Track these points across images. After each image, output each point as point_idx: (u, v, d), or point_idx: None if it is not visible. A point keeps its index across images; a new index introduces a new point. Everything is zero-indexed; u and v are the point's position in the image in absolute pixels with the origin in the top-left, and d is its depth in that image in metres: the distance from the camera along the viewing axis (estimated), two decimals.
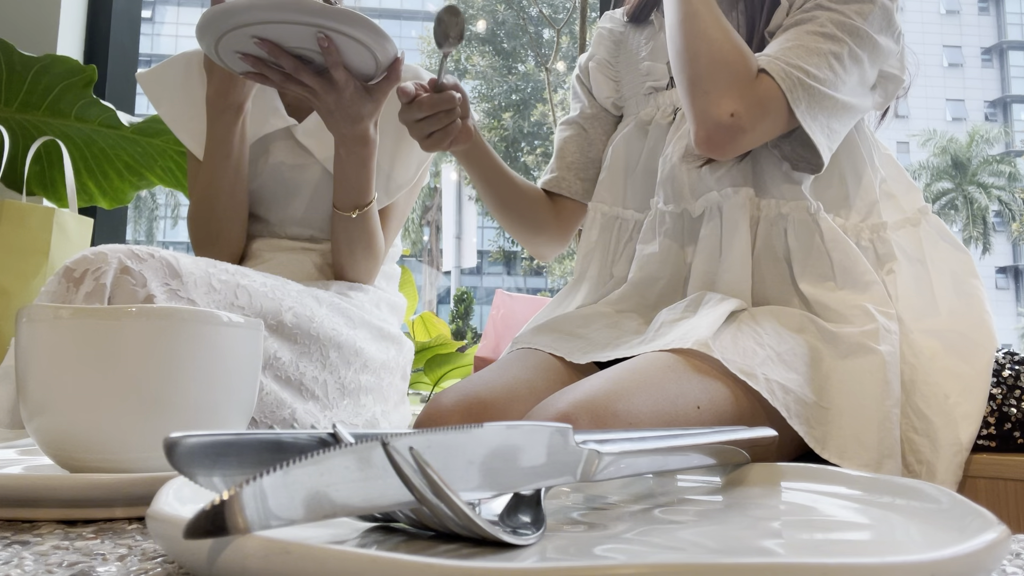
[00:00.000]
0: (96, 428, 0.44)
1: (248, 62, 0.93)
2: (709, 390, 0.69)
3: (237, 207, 1.12)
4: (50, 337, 0.45)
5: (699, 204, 0.88)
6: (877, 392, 0.74)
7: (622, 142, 0.99)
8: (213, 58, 0.94)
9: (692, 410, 0.67)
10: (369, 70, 0.97)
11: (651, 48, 1.00)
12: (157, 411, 0.44)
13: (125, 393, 0.44)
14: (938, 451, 0.79)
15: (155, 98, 1.18)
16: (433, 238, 19.55)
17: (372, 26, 0.89)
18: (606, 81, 1.06)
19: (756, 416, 0.72)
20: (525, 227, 1.07)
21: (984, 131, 23.67)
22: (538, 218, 1.07)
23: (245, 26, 0.87)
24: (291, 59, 0.92)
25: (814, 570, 0.22)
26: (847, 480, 0.41)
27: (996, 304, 25.61)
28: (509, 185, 1.05)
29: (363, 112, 0.98)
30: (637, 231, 0.95)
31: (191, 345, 0.45)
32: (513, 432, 0.31)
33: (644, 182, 0.95)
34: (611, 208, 0.99)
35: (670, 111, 0.94)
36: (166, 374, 0.45)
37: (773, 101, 0.78)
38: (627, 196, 0.98)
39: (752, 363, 0.71)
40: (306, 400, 0.99)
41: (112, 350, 0.44)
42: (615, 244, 0.99)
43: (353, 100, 0.97)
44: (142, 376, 0.44)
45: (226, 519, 0.22)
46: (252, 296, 0.94)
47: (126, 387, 0.44)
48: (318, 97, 0.96)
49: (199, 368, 0.46)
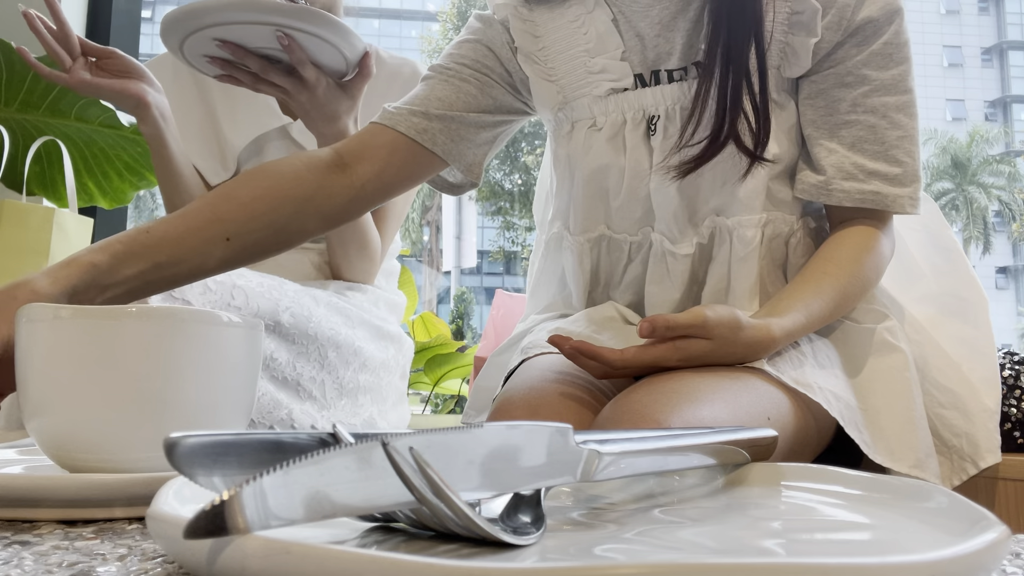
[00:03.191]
0: (96, 428, 0.44)
1: (216, 65, 0.92)
2: (775, 400, 0.67)
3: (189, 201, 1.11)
4: (50, 337, 0.45)
5: (706, 227, 0.80)
6: (908, 391, 0.73)
7: (589, 161, 0.82)
8: (182, 61, 0.94)
9: (763, 421, 0.65)
10: (341, 67, 0.95)
11: (593, 37, 0.82)
12: (157, 411, 0.44)
13: (125, 393, 0.44)
14: (972, 420, 0.80)
15: None
16: (433, 238, 19.56)
17: (333, 23, 0.87)
18: (545, 85, 0.85)
19: (808, 425, 0.70)
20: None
21: (984, 131, 23.67)
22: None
23: (205, 28, 0.86)
24: (257, 60, 0.90)
25: (814, 570, 0.22)
26: (847, 480, 0.41)
27: (996, 304, 25.61)
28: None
29: (340, 110, 0.97)
30: (636, 253, 0.84)
31: (191, 345, 0.45)
32: (513, 432, 0.31)
33: (631, 205, 0.82)
34: (596, 232, 0.85)
35: (641, 118, 0.80)
36: (166, 374, 0.44)
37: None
38: (613, 220, 0.84)
39: (803, 372, 0.69)
40: (303, 400, 0.99)
41: (112, 350, 0.44)
42: (611, 269, 0.87)
43: (328, 98, 0.94)
44: (142, 376, 0.44)
45: (226, 519, 0.22)
46: (248, 296, 0.94)
47: (126, 387, 0.44)
48: (292, 97, 0.94)
49: (199, 368, 0.46)
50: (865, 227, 0.78)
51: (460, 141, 0.85)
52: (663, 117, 0.79)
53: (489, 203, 22.28)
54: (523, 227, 22.63)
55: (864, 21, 0.76)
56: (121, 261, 0.67)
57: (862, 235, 0.78)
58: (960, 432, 0.79)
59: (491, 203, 22.33)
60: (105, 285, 0.66)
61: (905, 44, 0.77)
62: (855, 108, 0.77)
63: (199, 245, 0.72)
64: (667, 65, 0.80)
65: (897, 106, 0.76)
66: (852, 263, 0.76)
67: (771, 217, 0.79)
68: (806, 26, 0.76)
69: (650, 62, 0.81)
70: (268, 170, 0.79)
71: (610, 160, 0.81)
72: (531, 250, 1.11)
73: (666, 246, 0.81)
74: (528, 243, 22.43)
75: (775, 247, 0.80)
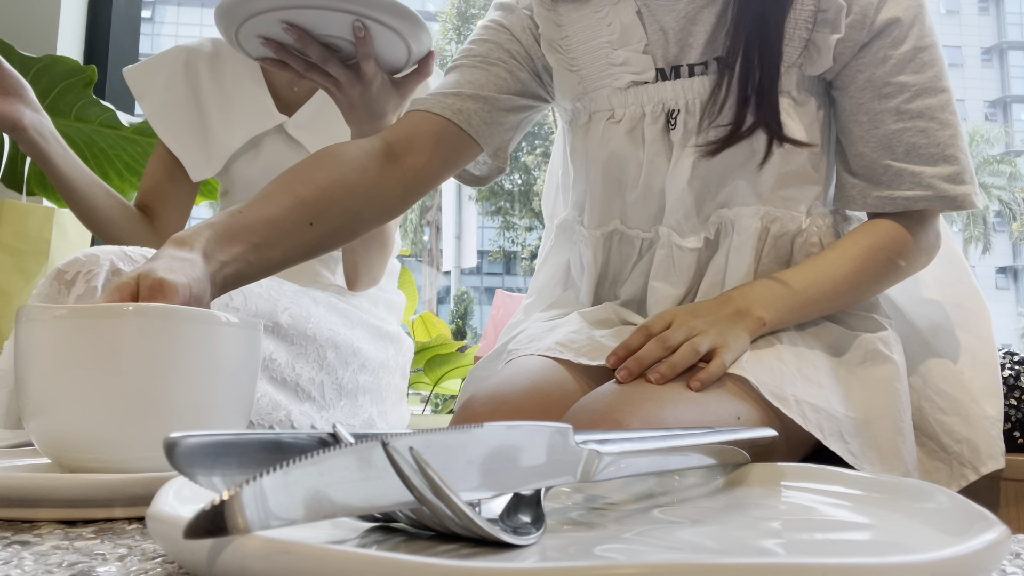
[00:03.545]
0: (95, 428, 0.44)
1: (270, 47, 0.87)
2: (744, 404, 0.67)
3: (110, 211, 1.12)
4: (48, 337, 0.44)
5: (712, 222, 0.80)
6: (896, 402, 0.73)
7: (607, 153, 0.82)
8: (230, 41, 0.90)
9: (734, 421, 0.65)
10: (398, 62, 0.91)
11: (617, 29, 0.82)
12: (156, 410, 0.44)
13: (124, 393, 0.44)
14: (973, 426, 0.79)
15: (139, 93, 1.18)
16: (433, 238, 19.56)
17: (412, 16, 0.85)
18: (566, 75, 0.85)
19: (784, 428, 0.69)
20: None
21: (984, 131, 23.66)
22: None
23: (277, 10, 0.83)
24: (320, 48, 0.86)
25: (814, 570, 0.22)
26: (847, 480, 0.41)
27: (996, 304, 25.60)
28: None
29: (387, 107, 0.92)
30: (646, 251, 0.85)
31: (190, 344, 0.45)
32: (513, 432, 0.31)
33: (646, 200, 0.82)
34: (607, 228, 0.86)
35: (660, 112, 0.80)
36: (164, 373, 0.44)
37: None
38: (628, 215, 0.84)
39: (781, 383, 0.69)
40: (302, 401, 0.99)
41: (110, 349, 0.44)
42: (620, 266, 0.87)
43: (379, 94, 0.90)
44: (141, 375, 0.44)
45: (226, 519, 0.22)
46: (247, 297, 0.94)
47: (125, 386, 0.44)
48: (342, 90, 0.89)
49: (197, 367, 0.46)
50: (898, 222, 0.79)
51: (492, 124, 0.84)
52: (683, 111, 0.79)
53: (489, 203, 22.28)
54: (523, 227, 22.63)
55: (888, 21, 0.76)
56: (221, 241, 0.64)
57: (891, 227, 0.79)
58: (961, 438, 0.79)
59: (491, 203, 22.33)
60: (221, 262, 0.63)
61: (934, 45, 0.77)
62: (901, 116, 0.77)
63: (290, 228, 0.70)
64: (688, 60, 0.80)
65: (940, 106, 0.77)
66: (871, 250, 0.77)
67: (777, 214, 0.79)
68: (831, 23, 0.76)
69: (672, 56, 0.81)
70: (334, 155, 0.76)
71: (628, 153, 0.81)
72: (531, 250, 1.10)
73: (674, 239, 0.81)
74: (528, 243, 22.43)
75: (780, 245, 0.80)
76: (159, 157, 1.19)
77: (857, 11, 0.76)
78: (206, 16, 24.76)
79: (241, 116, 1.15)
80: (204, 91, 1.18)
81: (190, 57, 1.19)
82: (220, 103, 1.17)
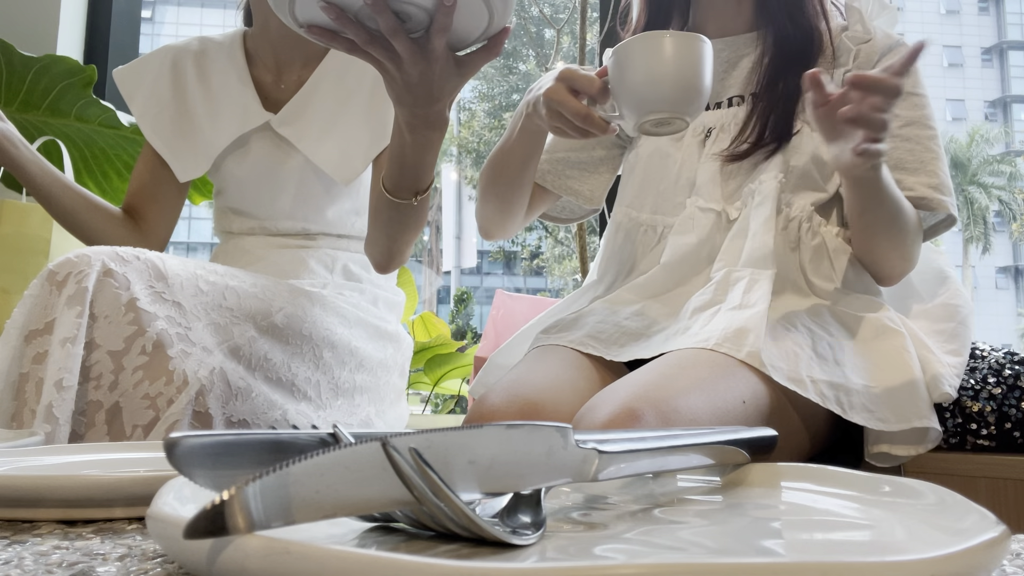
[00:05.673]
0: None
1: (330, 13, 0.72)
2: (752, 385, 0.73)
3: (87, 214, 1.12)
4: None
5: (735, 198, 0.92)
6: (909, 364, 0.81)
7: (655, 156, 0.99)
8: (283, 6, 0.74)
9: (739, 404, 0.71)
10: (469, 36, 0.79)
11: None
12: None
13: None
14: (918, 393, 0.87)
15: (128, 94, 1.18)
16: (433, 238, 19.54)
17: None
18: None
19: (790, 409, 0.77)
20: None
21: (984, 131, 23.65)
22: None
23: None
24: (392, 16, 0.73)
25: (814, 570, 0.22)
26: (847, 480, 0.41)
27: (996, 304, 25.62)
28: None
29: (446, 89, 0.81)
30: (666, 235, 0.96)
31: None
32: (513, 432, 0.31)
33: (675, 190, 0.97)
34: (640, 214, 0.99)
35: (701, 130, 0.96)
36: None
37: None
38: (658, 203, 0.98)
39: (797, 367, 0.76)
40: (298, 401, 0.99)
41: None
42: (642, 248, 0.99)
43: (442, 74, 0.78)
44: None
45: (226, 519, 0.22)
46: (241, 297, 0.94)
47: None
48: (401, 68, 0.77)
49: None
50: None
51: (565, 177, 1.05)
52: (717, 129, 0.96)
53: None
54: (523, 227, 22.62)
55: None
56: None
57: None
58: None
59: None
60: None
61: (925, 96, 0.93)
62: (893, 138, 0.90)
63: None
64: (727, 95, 0.97)
65: (928, 137, 0.91)
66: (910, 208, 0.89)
67: (790, 198, 0.90)
68: (842, 64, 0.94)
69: (714, 94, 0.97)
70: None
71: (670, 150, 0.98)
72: (531, 250, 1.15)
73: (699, 203, 0.93)
74: (528, 243, 22.42)
75: (791, 229, 0.90)
76: (146, 159, 1.19)
77: (863, 57, 0.94)
78: (206, 16, 24.75)
79: (227, 115, 1.15)
80: (191, 91, 1.18)
81: (177, 57, 1.18)
82: (206, 102, 1.17)
